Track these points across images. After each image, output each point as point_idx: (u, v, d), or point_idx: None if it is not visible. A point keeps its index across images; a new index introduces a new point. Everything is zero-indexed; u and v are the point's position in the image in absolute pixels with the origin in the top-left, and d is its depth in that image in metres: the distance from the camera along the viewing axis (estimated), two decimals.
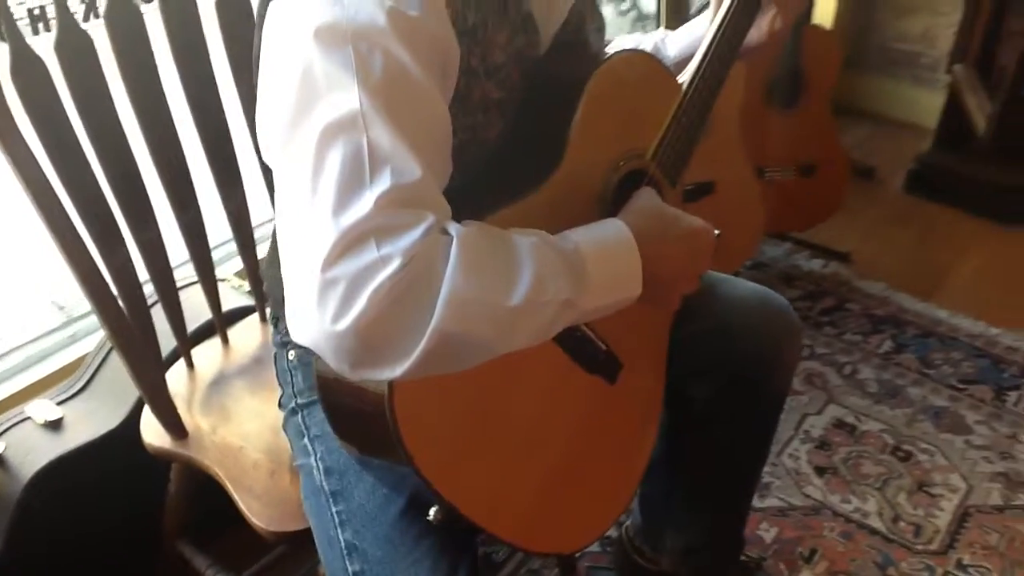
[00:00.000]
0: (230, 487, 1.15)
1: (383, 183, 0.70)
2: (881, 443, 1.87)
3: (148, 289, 1.21)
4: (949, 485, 1.78)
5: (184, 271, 1.35)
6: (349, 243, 0.69)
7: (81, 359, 1.51)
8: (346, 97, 0.72)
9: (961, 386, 2.02)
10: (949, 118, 2.49)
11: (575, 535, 1.01)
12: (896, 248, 2.49)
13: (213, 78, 1.22)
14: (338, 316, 0.68)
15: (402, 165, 0.72)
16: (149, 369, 1.20)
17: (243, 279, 1.55)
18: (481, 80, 0.87)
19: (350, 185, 0.70)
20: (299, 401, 1.10)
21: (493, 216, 0.84)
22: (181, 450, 1.22)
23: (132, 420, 1.32)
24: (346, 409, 0.89)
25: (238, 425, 1.24)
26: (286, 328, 1.07)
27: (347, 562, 0.96)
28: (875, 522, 1.69)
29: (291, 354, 1.12)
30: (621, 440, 1.05)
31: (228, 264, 1.73)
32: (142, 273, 1.18)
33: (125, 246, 1.14)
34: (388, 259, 0.68)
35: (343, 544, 0.97)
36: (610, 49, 1.15)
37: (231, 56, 1.23)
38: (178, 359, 1.33)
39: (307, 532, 1.05)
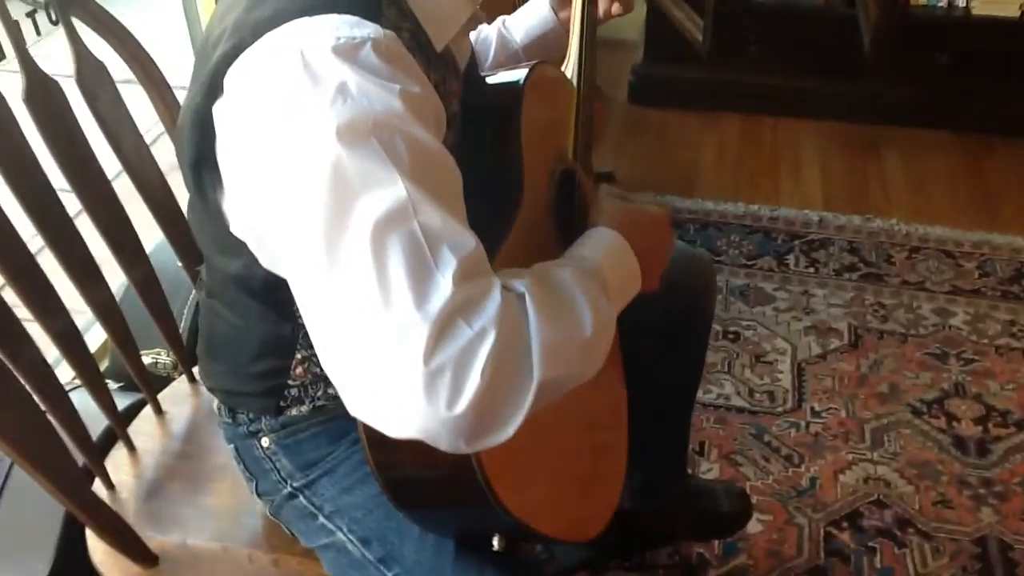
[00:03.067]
0: None
1: (449, 262, 0.72)
2: (712, 332, 2.09)
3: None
4: (778, 350, 2.05)
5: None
6: (442, 329, 0.70)
7: None
8: (389, 190, 0.72)
9: (749, 263, 2.31)
10: (653, 30, 2.74)
11: (604, 514, 1.09)
12: (645, 157, 2.74)
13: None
14: (452, 401, 0.70)
15: (457, 239, 0.74)
16: (81, 489, 1.09)
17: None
18: (446, 132, 0.89)
19: (420, 274, 0.71)
20: (295, 484, 1.08)
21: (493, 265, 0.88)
22: None
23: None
24: (415, 477, 0.90)
25: (203, 525, 1.18)
26: (250, 417, 1.06)
27: None
28: (738, 402, 1.92)
29: (264, 440, 1.09)
30: (611, 422, 1.14)
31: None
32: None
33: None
34: (484, 333, 0.70)
35: None
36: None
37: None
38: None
39: None
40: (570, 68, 1.11)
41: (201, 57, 0.86)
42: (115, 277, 1.24)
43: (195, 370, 1.32)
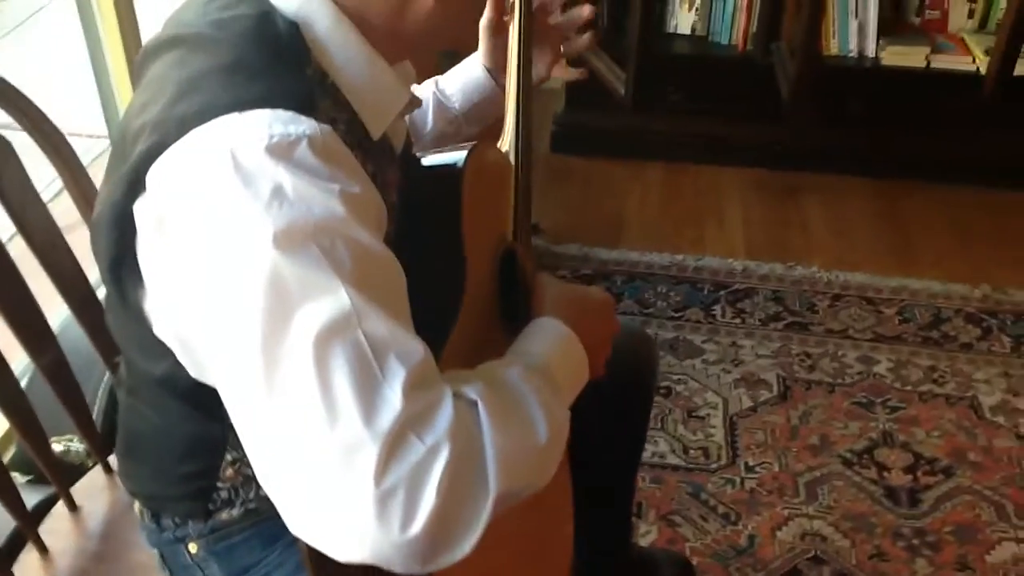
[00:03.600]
0: None
1: (397, 373, 0.68)
2: None
3: None
4: (709, 404, 2.04)
5: None
6: (393, 446, 0.66)
7: None
8: (331, 299, 0.68)
9: (677, 315, 2.30)
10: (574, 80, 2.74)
11: None
12: (570, 207, 2.73)
13: None
14: (406, 523, 0.66)
15: (405, 347, 0.70)
16: None
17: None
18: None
19: (367, 388, 0.67)
20: None
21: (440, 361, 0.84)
22: None
23: None
24: None
25: None
26: (176, 522, 0.99)
27: None
28: (673, 459, 1.91)
29: (192, 546, 1.02)
30: (557, 501, 1.10)
31: None
32: None
33: None
34: (437, 448, 0.67)
35: None
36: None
37: None
38: None
39: None
40: (507, 140, 1.08)
41: (119, 149, 0.81)
42: (18, 355, 1.16)
43: (111, 459, 1.24)
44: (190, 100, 0.73)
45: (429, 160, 1.00)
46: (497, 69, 1.22)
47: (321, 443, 0.66)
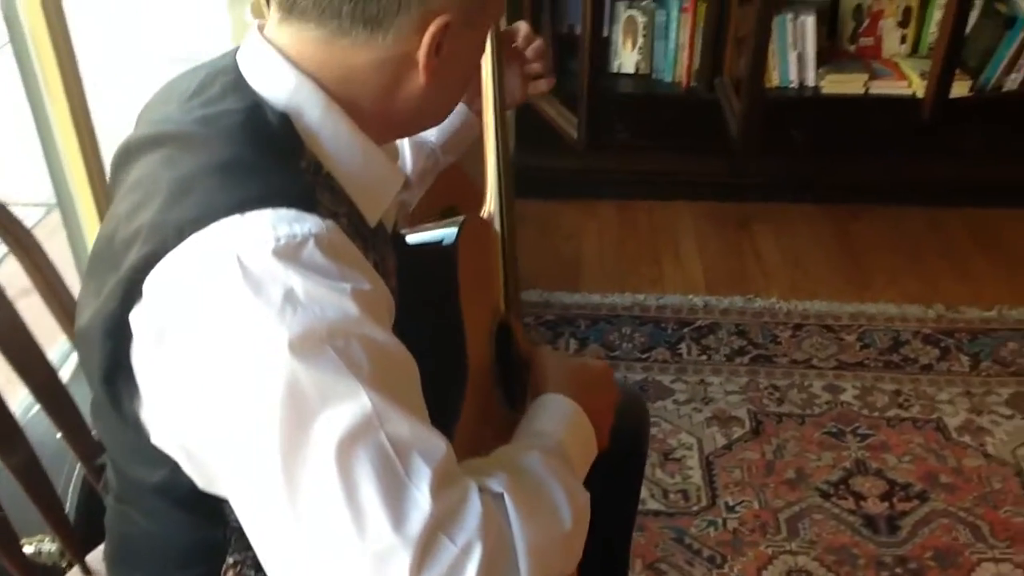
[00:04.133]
0: None
1: (423, 473, 0.66)
2: None
3: None
4: (684, 445, 2.04)
5: None
6: (425, 550, 0.64)
7: None
8: (351, 402, 0.66)
9: (644, 356, 2.31)
10: (524, 121, 2.75)
11: None
12: (527, 251, 2.71)
13: None
14: None
15: (427, 444, 0.68)
16: None
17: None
18: None
19: (394, 492, 0.65)
20: None
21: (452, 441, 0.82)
22: None
23: None
24: None
25: None
26: None
27: None
28: (654, 505, 1.90)
29: None
30: None
31: None
32: None
33: None
34: (469, 548, 0.66)
35: None
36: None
37: None
38: None
39: None
40: (491, 203, 1.07)
41: (105, 254, 0.77)
42: None
43: (89, 559, 1.18)
44: (186, 203, 0.71)
45: (414, 238, 0.98)
46: (470, 94, 1.20)
47: (351, 553, 0.64)
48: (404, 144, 1.20)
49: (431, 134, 1.21)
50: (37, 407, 1.18)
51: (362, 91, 0.79)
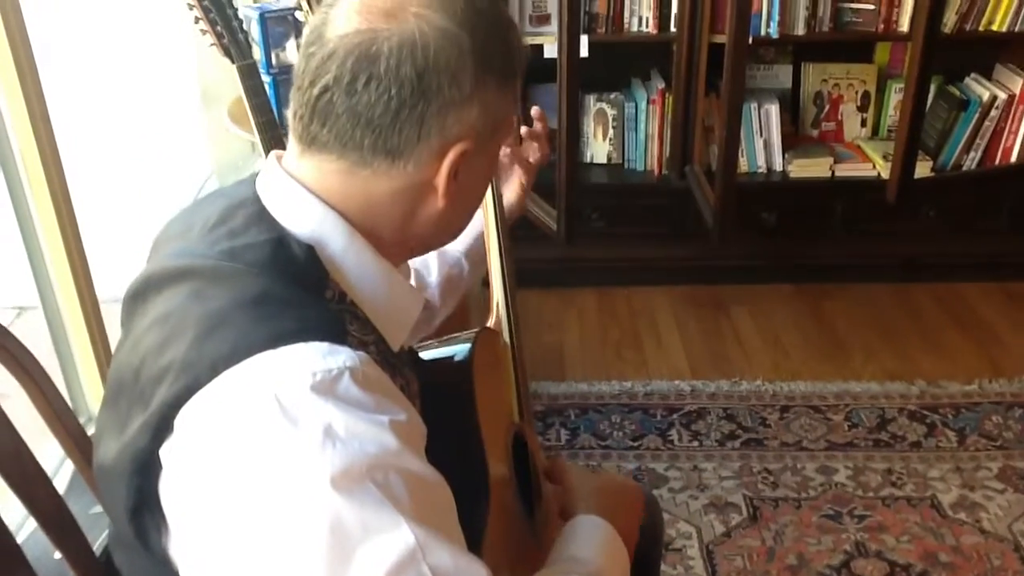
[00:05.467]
0: None
1: None
2: None
3: None
4: (683, 534, 2.02)
5: None
6: None
7: None
8: (394, 535, 0.65)
9: (635, 444, 2.30)
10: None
11: None
12: None
13: None
14: None
15: (467, 573, 0.67)
16: None
17: None
18: None
19: None
20: None
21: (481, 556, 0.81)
22: None
23: None
24: None
25: None
26: None
27: None
28: None
29: None
30: None
31: None
32: None
33: None
34: None
35: None
36: None
37: None
38: None
39: None
40: (497, 313, 1.08)
41: (130, 392, 0.76)
42: None
43: None
44: (218, 338, 0.70)
45: (429, 355, 0.98)
46: None
47: None
48: (428, 257, 1.21)
49: (459, 244, 1.22)
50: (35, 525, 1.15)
51: (383, 217, 0.80)
